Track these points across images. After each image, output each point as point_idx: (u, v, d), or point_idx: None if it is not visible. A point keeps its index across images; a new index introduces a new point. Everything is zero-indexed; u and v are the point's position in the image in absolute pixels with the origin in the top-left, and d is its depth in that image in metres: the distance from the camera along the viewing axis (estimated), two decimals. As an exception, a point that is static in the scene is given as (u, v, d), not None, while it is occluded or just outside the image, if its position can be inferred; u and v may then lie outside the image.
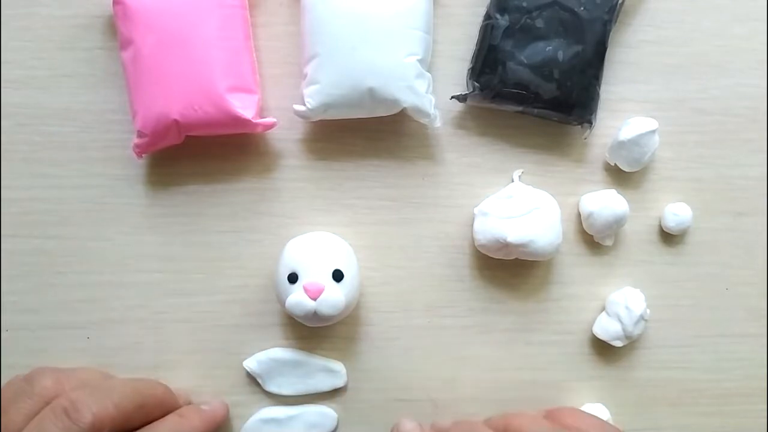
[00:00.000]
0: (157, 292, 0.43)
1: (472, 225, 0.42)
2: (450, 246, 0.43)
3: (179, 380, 0.42)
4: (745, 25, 0.44)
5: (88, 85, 0.43)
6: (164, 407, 0.38)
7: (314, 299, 0.38)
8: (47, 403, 0.34)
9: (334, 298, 0.38)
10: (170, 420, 0.38)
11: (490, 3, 0.42)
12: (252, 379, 0.43)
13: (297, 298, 0.38)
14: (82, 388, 0.35)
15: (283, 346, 0.43)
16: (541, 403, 0.43)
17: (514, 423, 0.36)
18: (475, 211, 0.42)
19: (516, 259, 0.42)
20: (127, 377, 0.40)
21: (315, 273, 0.39)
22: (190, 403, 0.42)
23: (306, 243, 0.40)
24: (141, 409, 0.36)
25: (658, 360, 0.44)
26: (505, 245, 0.40)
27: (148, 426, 0.37)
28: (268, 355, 0.42)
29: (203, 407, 0.41)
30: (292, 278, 0.39)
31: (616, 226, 0.42)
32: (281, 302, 0.39)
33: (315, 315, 0.38)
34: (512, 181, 0.43)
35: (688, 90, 0.44)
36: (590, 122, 0.42)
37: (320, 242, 0.41)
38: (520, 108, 0.42)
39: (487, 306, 0.43)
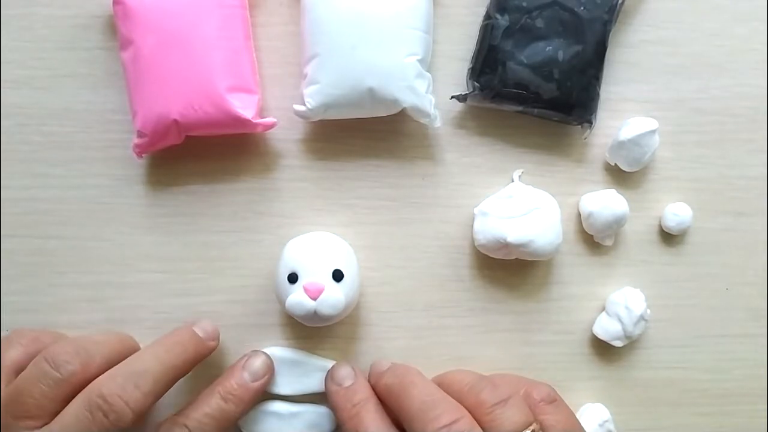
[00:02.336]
0: (157, 292, 0.43)
1: (472, 225, 0.42)
2: (450, 246, 0.43)
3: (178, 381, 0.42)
4: (745, 25, 0.44)
5: (88, 85, 0.43)
6: (197, 360, 0.38)
7: (314, 299, 0.38)
8: (76, 389, 0.34)
9: (334, 298, 0.38)
10: (213, 405, 0.37)
11: (490, 3, 0.42)
12: (252, 379, 0.43)
13: (297, 298, 0.38)
14: (112, 376, 0.35)
15: (281, 346, 0.43)
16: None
17: (447, 375, 0.39)
18: (475, 211, 0.42)
19: (516, 259, 0.42)
20: (155, 343, 0.38)
21: (315, 273, 0.39)
22: (217, 337, 0.40)
23: (306, 243, 0.40)
24: (174, 379, 0.36)
25: (658, 360, 0.44)
26: (505, 245, 0.40)
27: (190, 408, 0.37)
28: (266, 353, 0.42)
29: (245, 376, 0.39)
30: (292, 278, 0.39)
31: (616, 226, 0.42)
32: (281, 302, 0.39)
33: (315, 315, 0.38)
34: (512, 181, 0.43)
35: (688, 90, 0.44)
36: (590, 122, 0.42)
37: (320, 242, 0.41)
38: (520, 108, 0.42)
39: (487, 306, 0.43)
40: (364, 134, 0.43)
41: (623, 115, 0.43)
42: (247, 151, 0.43)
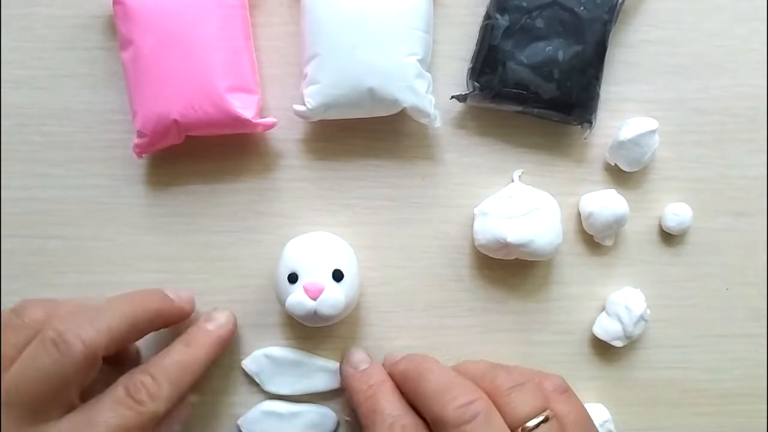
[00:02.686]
0: (157, 292, 0.43)
1: (472, 225, 0.42)
2: (450, 246, 0.43)
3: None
4: (745, 25, 0.44)
5: (88, 85, 0.43)
6: (164, 317, 0.38)
7: (314, 299, 0.38)
8: (37, 335, 0.34)
9: (334, 298, 0.38)
10: (175, 351, 0.37)
11: (490, 3, 0.42)
12: (251, 379, 0.43)
13: (297, 298, 0.38)
14: (71, 316, 0.34)
15: (281, 346, 0.43)
16: (541, 403, 0.43)
17: (461, 365, 0.39)
18: (475, 211, 0.42)
19: (516, 259, 0.42)
20: (118, 294, 0.38)
21: (315, 273, 0.39)
22: (192, 303, 0.41)
23: (306, 243, 0.40)
24: (134, 327, 0.36)
25: (658, 360, 0.44)
26: (505, 245, 0.40)
27: (152, 359, 0.36)
28: (266, 353, 0.42)
29: (208, 326, 0.40)
30: (292, 278, 0.39)
31: (616, 226, 0.42)
32: (281, 302, 0.39)
33: (315, 315, 0.38)
34: (512, 181, 0.43)
35: (688, 90, 0.44)
36: (590, 122, 0.42)
37: (320, 242, 0.41)
38: (520, 108, 0.42)
39: (487, 306, 0.43)
40: (364, 134, 0.43)
41: (623, 115, 0.43)
42: (247, 151, 0.43)
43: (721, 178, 0.44)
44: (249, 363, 0.42)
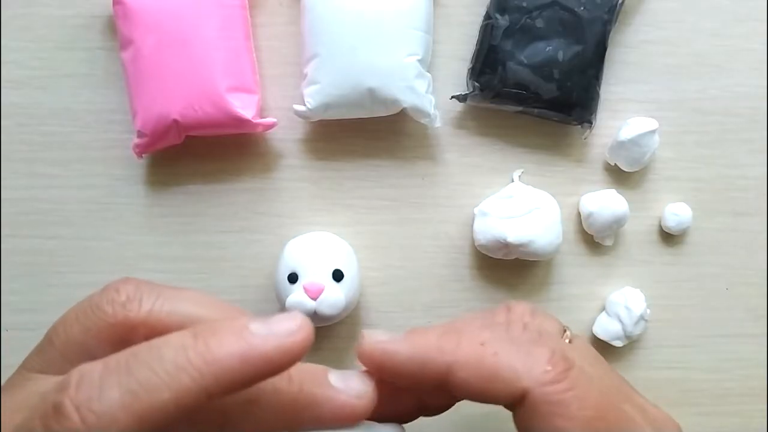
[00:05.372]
0: (157, 292, 0.43)
1: (472, 225, 0.42)
2: (450, 246, 0.43)
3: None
4: (745, 25, 0.44)
5: (88, 85, 0.43)
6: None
7: (314, 299, 0.38)
8: None
9: (334, 298, 0.38)
10: (174, 341, 0.22)
11: (490, 3, 0.42)
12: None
13: (297, 298, 0.38)
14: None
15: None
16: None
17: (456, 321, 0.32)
18: (475, 211, 0.42)
19: (516, 259, 0.42)
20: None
21: (315, 273, 0.39)
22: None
23: (306, 243, 0.40)
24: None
25: (658, 360, 0.44)
26: (505, 245, 0.40)
27: (145, 344, 0.22)
28: None
29: (251, 327, 0.22)
30: (292, 278, 0.39)
31: (616, 226, 0.42)
32: (281, 302, 0.39)
33: (315, 315, 0.38)
34: (512, 181, 0.43)
35: (688, 90, 0.44)
36: (590, 122, 0.42)
37: (320, 242, 0.41)
38: (520, 108, 0.42)
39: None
40: (364, 134, 0.43)
41: (623, 115, 0.43)
42: (247, 151, 0.43)
43: (721, 178, 0.44)
44: None
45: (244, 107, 0.40)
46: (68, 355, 0.25)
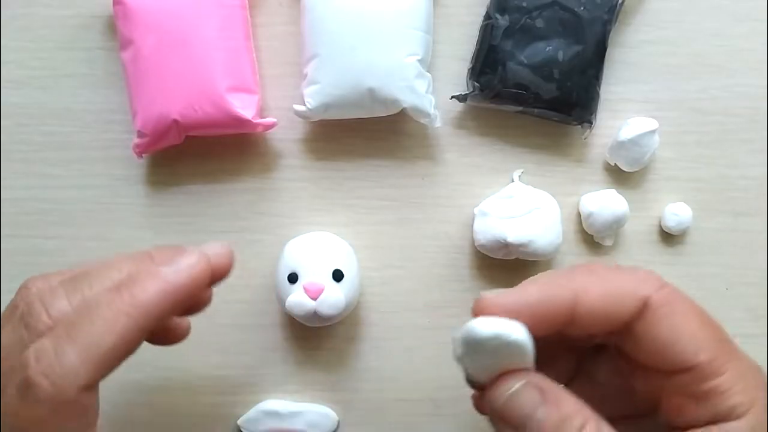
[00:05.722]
0: (157, 292, 0.43)
1: (472, 225, 0.42)
2: (450, 246, 0.43)
3: (178, 381, 0.42)
4: (745, 25, 0.44)
5: (88, 85, 0.43)
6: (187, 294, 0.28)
7: (314, 299, 0.38)
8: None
9: (334, 298, 0.38)
10: (106, 298, 0.26)
11: (490, 3, 0.42)
12: (251, 379, 0.43)
13: (297, 298, 0.38)
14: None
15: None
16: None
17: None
18: (475, 211, 0.42)
19: (516, 259, 0.42)
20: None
21: (315, 273, 0.39)
22: (227, 256, 0.32)
23: (306, 243, 0.40)
24: (141, 332, 0.27)
25: (658, 360, 0.44)
26: (505, 245, 0.40)
27: (83, 304, 0.27)
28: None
29: (162, 270, 0.28)
30: (292, 278, 0.39)
31: (616, 226, 0.42)
32: (281, 302, 0.39)
33: (315, 315, 0.38)
34: (512, 181, 0.43)
35: (688, 90, 0.44)
36: (590, 122, 0.42)
37: (320, 242, 0.41)
38: (520, 108, 0.42)
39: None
40: (364, 134, 0.43)
41: (623, 115, 0.43)
42: (247, 151, 0.43)
43: (721, 178, 0.44)
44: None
45: (244, 107, 0.40)
46: None
